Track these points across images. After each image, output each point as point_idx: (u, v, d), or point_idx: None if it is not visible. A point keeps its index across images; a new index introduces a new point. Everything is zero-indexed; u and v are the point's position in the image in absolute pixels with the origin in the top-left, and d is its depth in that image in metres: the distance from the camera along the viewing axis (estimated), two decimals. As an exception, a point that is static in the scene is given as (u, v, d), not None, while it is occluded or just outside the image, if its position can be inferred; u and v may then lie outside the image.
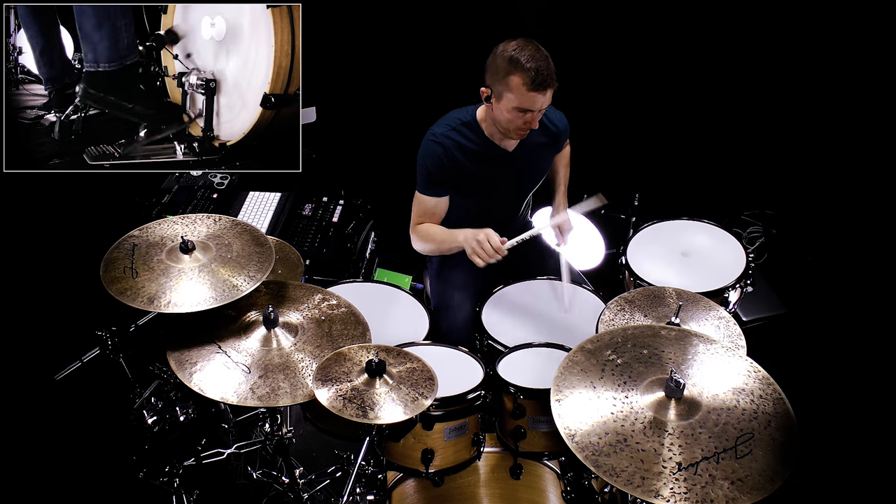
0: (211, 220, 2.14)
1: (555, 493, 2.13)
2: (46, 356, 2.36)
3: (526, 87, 2.12)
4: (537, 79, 2.10)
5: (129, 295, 1.85)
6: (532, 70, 2.10)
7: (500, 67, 2.15)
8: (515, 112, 2.18)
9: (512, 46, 2.14)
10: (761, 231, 3.61)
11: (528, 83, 2.11)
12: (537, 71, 2.10)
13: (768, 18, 3.27)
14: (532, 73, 2.10)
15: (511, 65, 2.12)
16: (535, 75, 2.10)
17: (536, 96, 2.14)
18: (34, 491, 2.57)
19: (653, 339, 1.76)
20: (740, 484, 1.45)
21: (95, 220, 2.84)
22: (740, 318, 3.10)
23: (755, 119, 3.51)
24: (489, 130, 2.34)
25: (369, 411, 1.69)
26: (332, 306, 2.07)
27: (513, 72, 2.12)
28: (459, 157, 2.34)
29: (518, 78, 2.12)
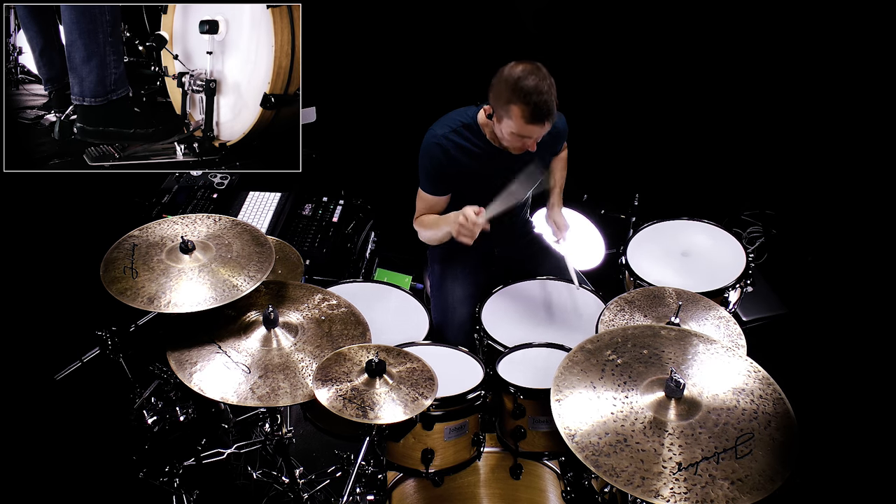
0: (211, 220, 2.14)
1: (555, 493, 2.13)
2: (46, 356, 2.36)
3: (525, 119, 2.12)
4: (536, 113, 2.10)
5: (129, 295, 1.85)
6: (532, 105, 2.09)
7: (503, 93, 2.14)
8: (514, 136, 2.19)
9: (517, 73, 2.11)
10: (761, 231, 3.61)
11: (528, 117, 2.11)
12: (537, 106, 2.09)
13: (768, 18, 3.27)
14: (532, 107, 2.09)
15: (513, 93, 2.10)
16: (534, 109, 2.10)
17: (535, 128, 2.15)
18: (34, 491, 2.57)
19: (653, 339, 1.76)
20: (740, 484, 1.45)
21: (95, 220, 2.84)
22: (740, 318, 3.10)
23: (755, 119, 3.51)
24: (490, 135, 2.35)
25: (369, 411, 1.69)
26: (332, 306, 2.07)
27: (514, 101, 2.11)
28: (459, 157, 2.35)
29: (518, 109, 2.11)
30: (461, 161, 2.35)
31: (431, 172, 2.37)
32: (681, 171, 3.64)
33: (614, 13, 3.40)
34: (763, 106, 3.47)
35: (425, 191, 2.41)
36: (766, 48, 3.33)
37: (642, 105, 3.57)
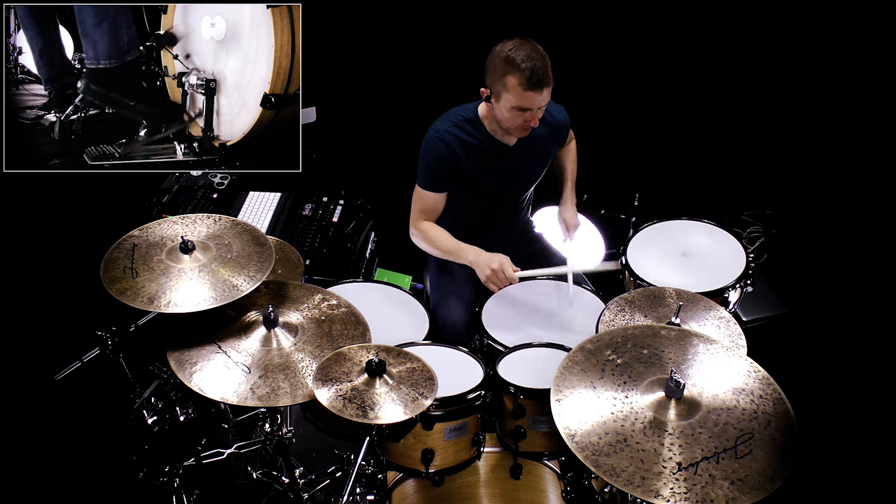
0: (211, 220, 2.14)
1: (555, 493, 2.13)
2: (46, 356, 2.36)
3: (522, 86, 2.14)
4: (532, 78, 2.12)
5: (129, 295, 1.85)
6: (527, 70, 2.11)
7: (497, 67, 2.17)
8: (514, 111, 2.20)
9: (508, 46, 2.16)
10: (761, 231, 3.61)
11: (524, 83, 2.13)
12: (532, 70, 2.11)
13: (768, 18, 3.27)
14: (527, 72, 2.12)
15: (507, 65, 2.14)
16: (530, 75, 2.12)
17: (533, 95, 2.15)
18: (34, 491, 2.57)
19: (653, 339, 1.76)
20: (740, 484, 1.45)
21: (95, 220, 2.84)
22: (740, 318, 3.10)
23: (755, 119, 3.51)
24: (491, 127, 2.35)
25: (369, 411, 1.69)
26: (332, 306, 2.07)
27: (509, 72, 2.14)
28: (461, 153, 2.35)
29: (514, 78, 2.14)
30: (463, 155, 2.36)
31: (434, 167, 2.37)
32: (681, 171, 3.64)
33: (614, 13, 3.40)
34: (763, 106, 3.47)
35: (424, 188, 2.41)
36: (766, 48, 3.33)
37: (642, 105, 3.57)
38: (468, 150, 2.36)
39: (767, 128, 3.52)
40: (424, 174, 2.40)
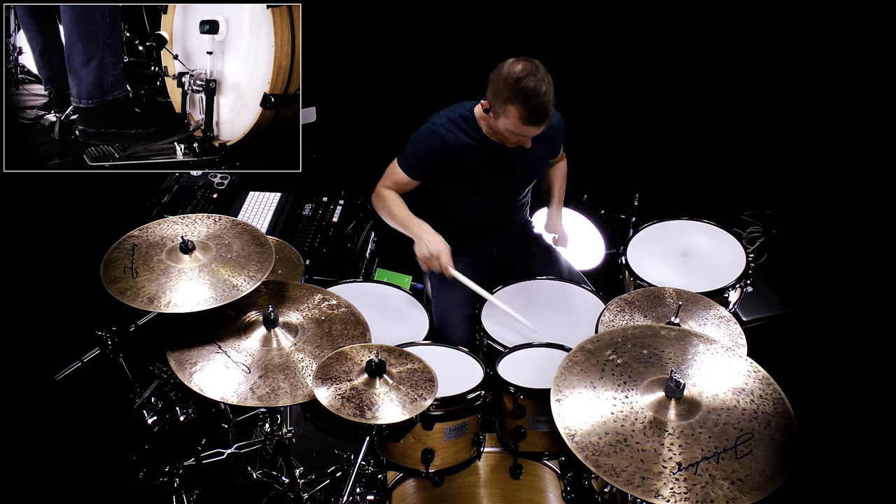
0: (211, 220, 2.14)
1: (555, 493, 2.13)
2: (46, 356, 2.36)
3: (522, 121, 2.15)
4: (533, 115, 2.13)
5: (129, 295, 1.85)
6: (531, 107, 2.11)
7: (502, 91, 2.15)
8: (510, 133, 2.22)
9: (517, 72, 2.12)
10: (761, 231, 3.61)
11: (525, 118, 2.14)
12: (535, 108, 2.11)
13: (768, 18, 3.27)
14: (530, 109, 2.11)
15: (512, 94, 2.12)
16: (531, 111, 2.12)
17: (531, 129, 2.18)
18: (34, 491, 2.57)
19: (653, 339, 1.76)
20: (740, 484, 1.45)
21: (95, 220, 2.84)
22: (740, 318, 3.10)
23: (755, 119, 3.51)
24: (487, 128, 2.36)
25: (368, 411, 1.69)
26: (332, 306, 2.07)
27: (512, 101, 2.13)
28: (454, 147, 2.37)
29: (516, 109, 2.13)
30: (455, 151, 2.37)
31: (418, 155, 2.39)
32: (681, 171, 3.64)
33: (615, 14, 3.39)
34: (763, 106, 3.47)
35: (402, 167, 2.42)
36: (766, 48, 3.33)
37: (642, 105, 3.57)
38: (461, 146, 2.37)
39: (767, 128, 3.52)
40: (408, 157, 2.41)
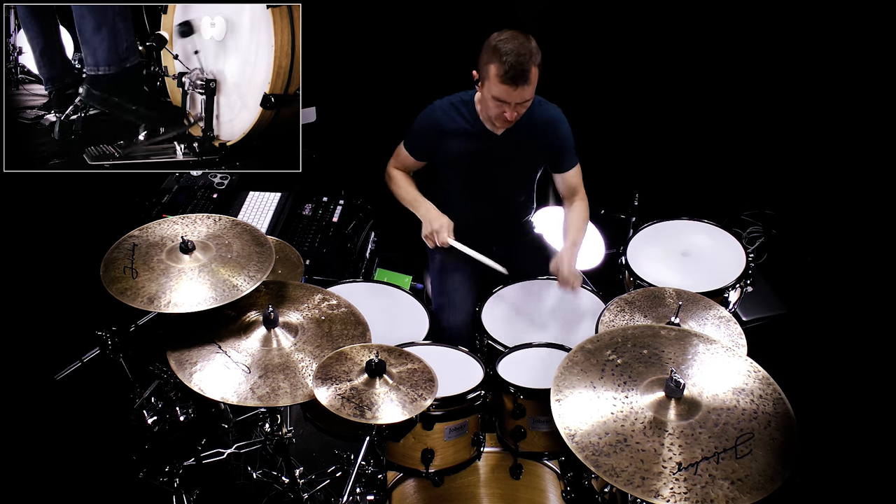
0: (211, 220, 2.14)
1: (555, 493, 2.13)
2: (46, 356, 2.36)
3: (499, 78, 2.17)
4: (509, 72, 2.14)
5: (129, 295, 1.85)
6: (507, 63, 2.14)
7: (485, 53, 2.22)
8: (494, 100, 2.24)
9: (502, 36, 2.19)
10: (761, 231, 3.61)
11: (501, 75, 2.16)
12: (511, 65, 2.14)
13: (768, 18, 3.27)
14: (506, 66, 2.14)
15: (493, 53, 2.18)
16: (507, 69, 2.14)
17: (508, 90, 2.18)
18: (34, 491, 2.57)
19: (653, 339, 1.76)
20: (740, 484, 1.45)
21: (95, 220, 2.84)
22: (740, 318, 3.10)
23: (755, 119, 3.51)
24: (483, 114, 2.40)
25: (368, 411, 1.69)
26: (332, 306, 2.07)
27: (492, 60, 2.18)
28: (449, 128, 2.44)
29: (495, 68, 2.17)
30: (448, 132, 2.43)
31: (417, 133, 2.51)
32: (681, 171, 3.64)
33: (615, 13, 3.39)
34: (763, 106, 3.47)
35: (405, 147, 2.57)
36: (766, 48, 3.33)
37: (642, 105, 3.57)
38: (456, 128, 2.43)
39: (767, 128, 3.52)
40: (410, 135, 2.55)
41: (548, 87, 2.38)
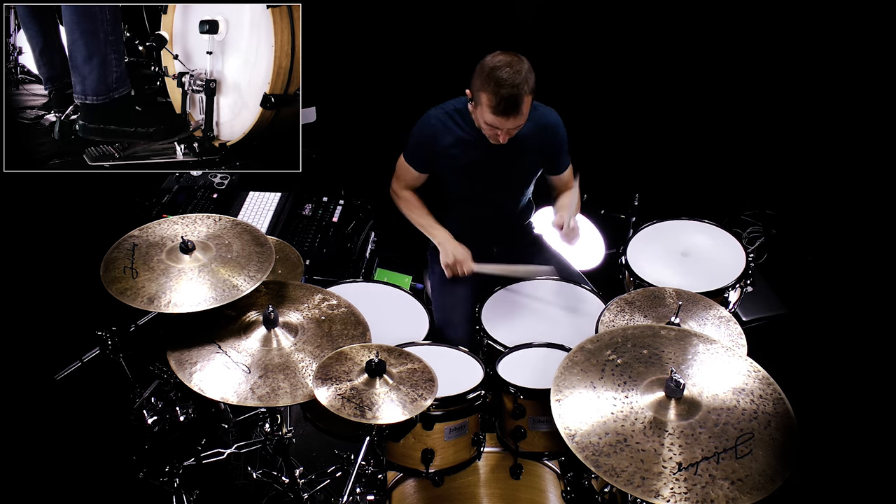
0: (211, 220, 2.14)
1: (555, 493, 2.13)
2: (46, 356, 2.36)
3: (491, 109, 2.18)
4: (501, 105, 2.15)
5: (130, 295, 1.85)
6: (499, 96, 2.14)
7: (478, 80, 2.20)
8: (485, 124, 2.25)
9: (495, 62, 2.17)
10: (761, 231, 3.61)
11: (493, 107, 2.17)
12: (503, 98, 2.14)
13: (768, 18, 3.27)
14: (499, 98, 2.14)
15: (486, 82, 2.16)
16: (498, 101, 2.15)
17: (499, 120, 2.19)
18: (34, 491, 2.57)
19: (653, 339, 1.76)
20: (740, 484, 1.45)
21: (95, 220, 2.84)
22: (740, 318, 3.10)
23: (755, 119, 3.51)
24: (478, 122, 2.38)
25: (368, 411, 1.69)
26: (332, 306, 2.07)
27: (485, 89, 2.17)
28: (446, 137, 2.42)
29: (486, 98, 2.17)
30: (445, 140, 2.42)
31: (417, 144, 2.49)
32: (681, 171, 3.64)
33: (615, 14, 3.39)
34: (763, 106, 3.47)
35: (406, 160, 2.54)
36: (766, 48, 3.33)
37: (642, 105, 3.57)
38: (453, 137, 2.42)
39: (767, 128, 3.52)
40: (409, 147, 2.52)
41: (548, 88, 2.38)
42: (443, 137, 2.43)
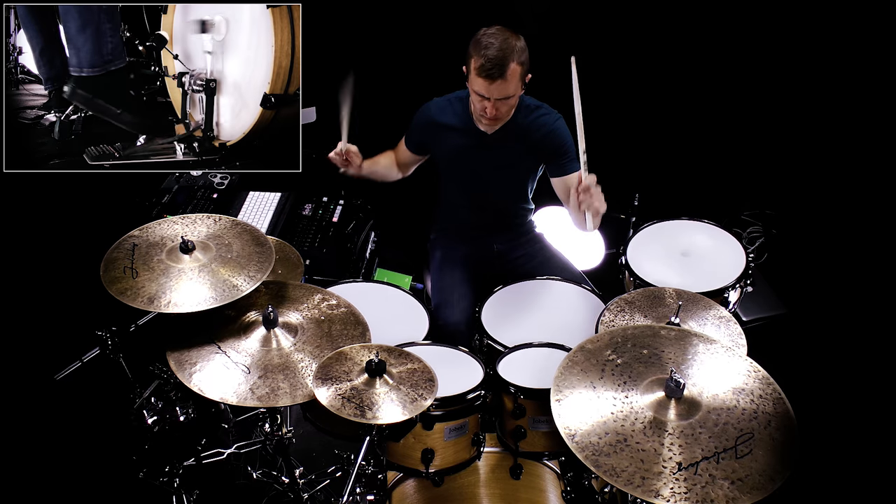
0: (211, 220, 2.14)
1: (555, 493, 2.13)
2: (46, 356, 2.36)
3: (476, 71, 2.21)
4: (485, 65, 2.18)
5: (129, 295, 1.85)
6: (483, 57, 2.18)
7: (470, 47, 2.25)
8: (474, 94, 2.28)
9: (489, 31, 2.22)
10: (761, 231, 3.61)
11: (478, 68, 2.20)
12: (488, 59, 2.17)
13: (768, 18, 3.27)
14: (483, 59, 2.18)
15: (474, 46, 2.22)
16: (484, 62, 2.18)
17: (483, 83, 2.21)
18: (34, 491, 2.57)
19: (653, 339, 1.76)
20: (740, 484, 1.45)
21: (95, 220, 2.84)
22: (740, 318, 3.10)
23: (755, 119, 3.51)
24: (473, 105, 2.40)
25: (368, 411, 1.69)
26: (332, 306, 2.07)
27: (472, 53, 2.23)
28: (440, 122, 2.49)
29: (474, 61, 2.22)
30: (441, 126, 2.48)
31: (414, 125, 2.59)
32: (681, 171, 3.64)
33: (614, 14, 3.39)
34: (763, 106, 3.47)
35: (404, 142, 2.65)
36: (766, 48, 3.33)
37: (642, 105, 3.57)
38: (447, 125, 2.47)
39: (767, 128, 3.52)
40: (409, 128, 2.61)
41: (549, 88, 2.38)
42: (438, 120, 2.50)
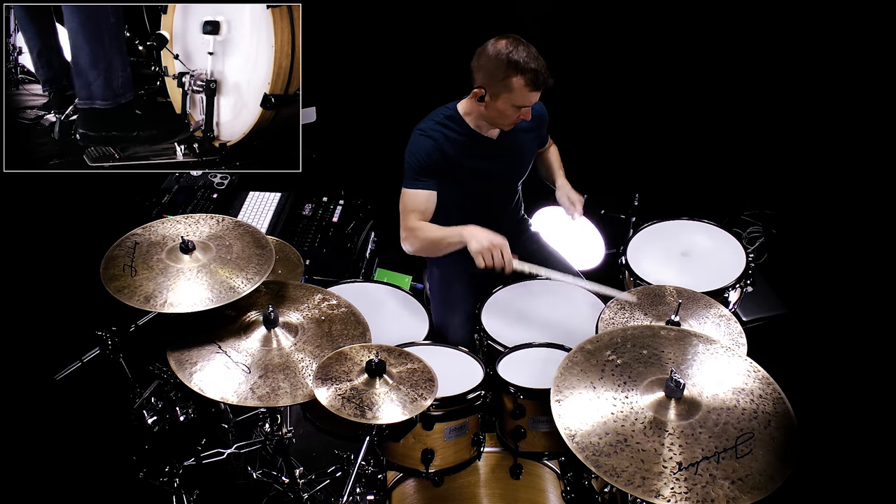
0: (213, 220, 2.14)
1: (555, 493, 2.13)
2: (46, 356, 2.36)
3: (528, 87, 2.20)
4: (538, 79, 2.20)
5: (126, 293, 1.85)
6: (532, 72, 2.19)
7: (498, 71, 2.20)
8: (512, 108, 2.26)
9: (505, 48, 2.19)
10: (761, 231, 3.61)
11: (530, 84, 2.20)
12: (537, 73, 2.19)
13: (768, 18, 3.27)
14: (532, 74, 2.19)
15: (510, 68, 2.18)
16: (534, 76, 2.19)
17: (536, 95, 2.24)
18: (34, 491, 2.57)
19: (653, 339, 1.76)
20: (740, 483, 1.45)
21: (95, 221, 2.84)
22: (740, 317, 3.10)
23: (755, 119, 3.51)
24: (475, 123, 2.39)
25: (368, 411, 1.69)
26: (332, 306, 2.07)
27: (513, 74, 2.19)
28: (448, 149, 2.37)
29: (520, 80, 2.19)
30: (449, 150, 2.38)
31: (420, 163, 2.33)
32: (681, 171, 3.64)
33: (615, 15, 3.40)
34: (763, 106, 3.47)
35: (413, 187, 2.35)
36: (766, 48, 3.33)
37: (642, 105, 3.57)
38: (455, 147, 2.38)
39: (767, 128, 3.52)
40: (412, 171, 2.35)
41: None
42: (443, 147, 2.35)
